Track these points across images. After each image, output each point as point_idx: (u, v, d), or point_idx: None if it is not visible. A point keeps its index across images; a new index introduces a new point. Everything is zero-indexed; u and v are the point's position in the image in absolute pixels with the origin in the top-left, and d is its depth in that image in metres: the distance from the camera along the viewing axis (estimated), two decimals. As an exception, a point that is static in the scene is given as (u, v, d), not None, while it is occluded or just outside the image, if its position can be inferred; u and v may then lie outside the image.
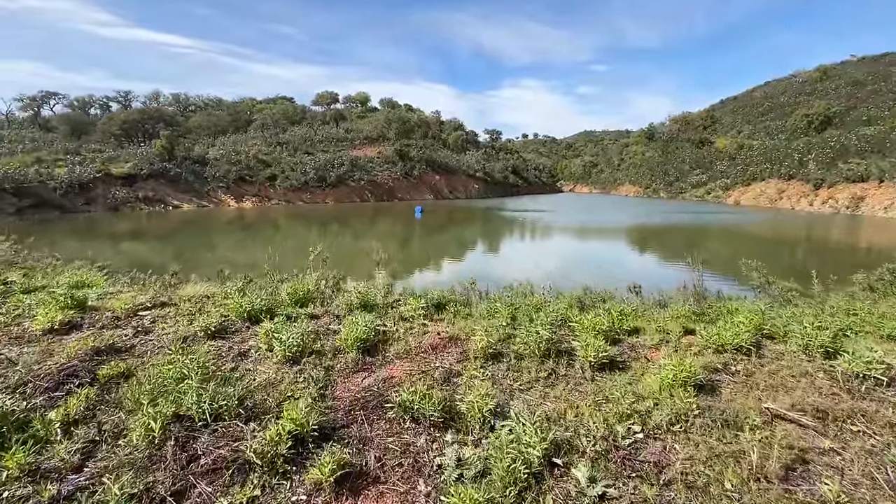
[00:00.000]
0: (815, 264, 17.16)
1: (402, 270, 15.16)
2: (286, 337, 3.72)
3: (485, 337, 3.76)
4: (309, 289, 5.66)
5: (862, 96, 68.95)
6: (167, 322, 4.61)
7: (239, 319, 4.58)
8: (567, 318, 4.66)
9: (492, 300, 5.65)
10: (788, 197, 45.98)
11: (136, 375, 3.36)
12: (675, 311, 5.17)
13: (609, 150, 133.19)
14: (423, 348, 4.03)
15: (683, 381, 3.10)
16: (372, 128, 74.67)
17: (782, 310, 4.92)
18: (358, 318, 4.43)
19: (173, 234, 26.66)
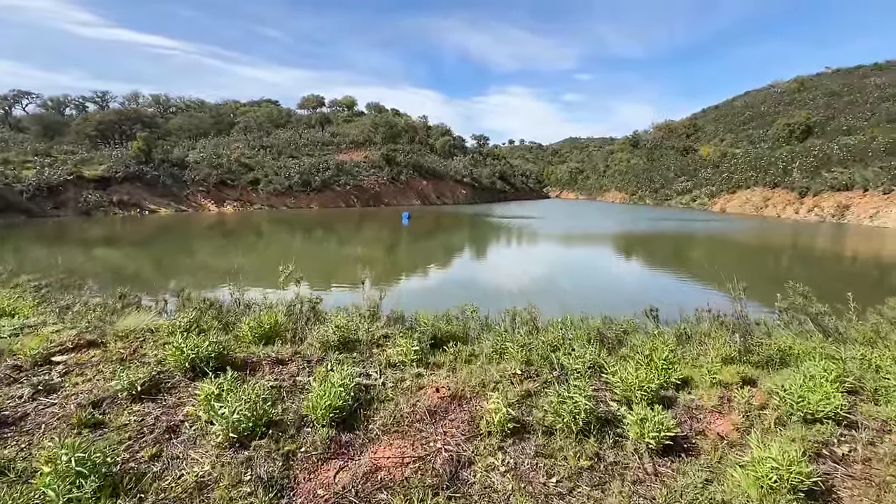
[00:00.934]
0: (823, 278, 16.81)
1: (390, 281, 14.15)
2: (232, 407, 2.72)
3: (501, 404, 2.82)
4: (277, 321, 4.65)
5: (839, 107, 70.59)
6: (85, 374, 3.57)
7: (179, 371, 3.56)
8: (598, 365, 3.76)
9: (497, 334, 4.71)
10: (774, 205, 46.33)
11: (8, 475, 2.33)
12: (717, 349, 4.32)
13: (594, 156, 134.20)
14: (418, 414, 3.09)
15: (788, 482, 2.21)
16: (358, 132, 73.48)
17: (846, 349, 4.11)
18: (334, 368, 3.46)
19: (145, 241, 25.15)
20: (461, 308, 5.71)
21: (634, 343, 4.47)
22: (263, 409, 2.84)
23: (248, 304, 6.22)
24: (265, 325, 4.54)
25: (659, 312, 6.00)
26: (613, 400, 3.27)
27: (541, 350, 4.15)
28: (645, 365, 3.47)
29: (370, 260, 18.82)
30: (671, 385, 3.43)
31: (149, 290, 13.16)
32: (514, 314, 5.81)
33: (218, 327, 4.93)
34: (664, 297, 12.65)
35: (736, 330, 4.56)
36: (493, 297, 12.04)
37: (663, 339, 4.34)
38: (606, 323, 5.32)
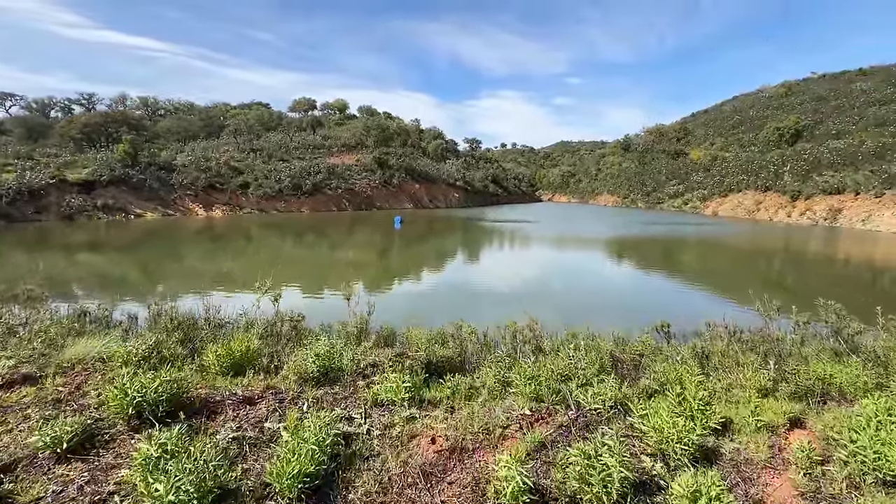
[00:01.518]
0: (823, 283, 16.50)
1: (381, 288, 13.56)
2: (172, 479, 2.12)
3: (514, 470, 2.24)
4: (249, 347, 4.06)
5: (827, 111, 71.52)
6: (7, 421, 2.96)
7: (121, 418, 2.96)
8: (621, 403, 3.22)
9: (498, 361, 4.16)
10: (766, 208, 46.50)
11: None
12: (748, 378, 3.81)
13: (586, 160, 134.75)
14: (409, 476, 2.53)
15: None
16: (350, 135, 72.88)
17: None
18: (310, 412, 2.88)
19: (127, 247, 24.25)
20: (457, 326, 5.16)
21: (655, 371, 3.94)
22: (215, 477, 2.26)
23: (221, 322, 5.59)
24: (236, 352, 3.94)
25: (671, 327, 5.49)
26: (646, 453, 2.73)
27: (550, 381, 3.61)
28: (677, 405, 2.95)
29: (361, 265, 18.22)
30: (709, 429, 2.90)
31: (133, 295, 12.45)
32: (515, 331, 5.26)
33: (183, 354, 4.31)
34: (666, 303, 12.23)
35: (768, 354, 4.07)
36: (489, 305, 11.50)
37: (688, 368, 3.82)
38: (619, 344, 4.80)
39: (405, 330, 4.76)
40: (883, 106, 62.25)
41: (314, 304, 9.92)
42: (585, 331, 5.42)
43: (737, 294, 14.21)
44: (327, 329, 5.10)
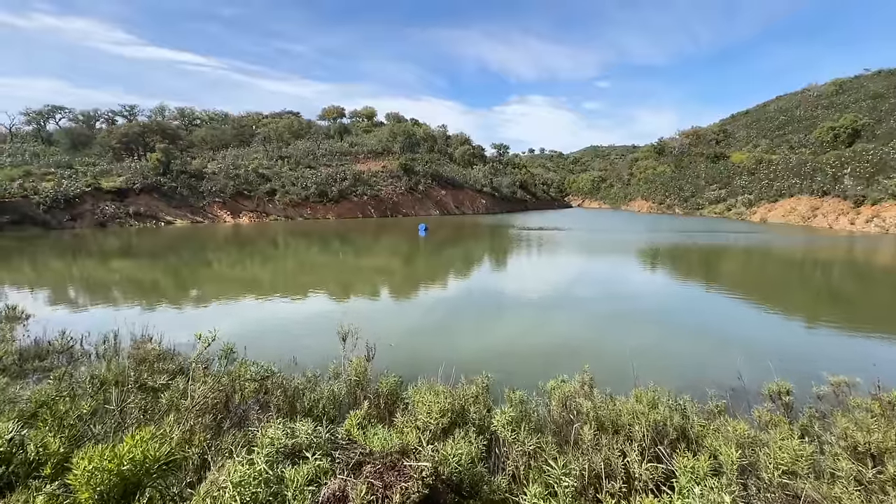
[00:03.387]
0: None
1: (393, 312, 12.34)
2: None
3: None
4: (154, 455, 2.73)
5: (886, 109, 66.12)
6: None
7: None
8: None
9: (543, 468, 2.77)
10: (824, 214, 42.68)
11: None
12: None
13: (617, 164, 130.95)
14: None
15: None
16: (377, 141, 72.82)
17: None
18: None
19: (151, 254, 24.12)
20: (483, 385, 3.78)
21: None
22: None
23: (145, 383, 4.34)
24: (126, 466, 2.29)
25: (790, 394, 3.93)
26: None
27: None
28: None
29: (375, 281, 17.10)
30: None
31: (121, 303, 11.82)
32: (565, 398, 3.81)
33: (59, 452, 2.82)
34: (751, 337, 10.27)
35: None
36: (521, 337, 10.05)
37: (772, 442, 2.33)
38: (680, 411, 3.31)
39: (412, 392, 3.43)
40: (952, 102, 56.81)
41: (303, 342, 8.80)
42: (655, 392, 3.93)
43: (849, 323, 12.19)
44: (309, 386, 3.84)
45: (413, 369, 6.54)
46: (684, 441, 3.18)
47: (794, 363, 7.86)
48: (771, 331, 10.84)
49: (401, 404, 3.62)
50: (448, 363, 6.94)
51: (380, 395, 3.79)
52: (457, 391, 3.61)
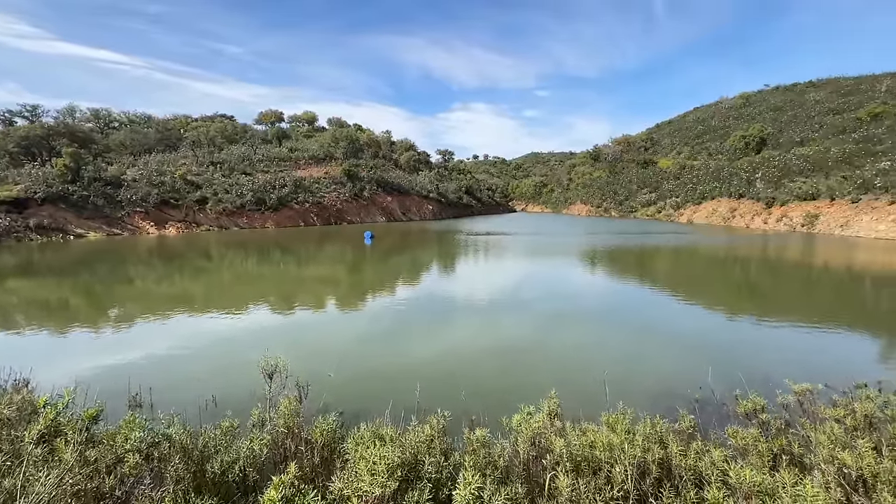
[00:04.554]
0: (853, 298, 15.02)
1: (335, 334, 11.50)
2: None
3: None
4: None
5: (784, 120, 74.25)
6: None
7: None
8: None
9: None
10: (741, 215, 46.84)
11: None
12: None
13: (557, 170, 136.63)
14: None
15: None
16: (318, 147, 70.34)
17: None
18: None
19: (54, 271, 21.10)
20: (439, 426, 3.22)
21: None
22: None
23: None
24: None
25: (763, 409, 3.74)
26: None
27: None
28: None
29: (313, 298, 16.05)
30: None
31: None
32: (535, 435, 3.33)
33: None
34: (674, 324, 10.50)
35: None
36: (475, 351, 9.61)
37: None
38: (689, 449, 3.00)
39: (353, 443, 2.80)
40: (837, 115, 64.89)
41: (238, 369, 7.72)
42: (625, 415, 3.60)
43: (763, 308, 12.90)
44: (223, 443, 3.07)
45: (357, 401, 5.84)
46: (668, 479, 2.82)
47: (740, 360, 8.07)
48: (708, 326, 11.28)
49: (340, 458, 2.97)
50: (397, 389, 6.31)
51: (314, 446, 3.12)
52: (407, 437, 3.03)
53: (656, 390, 6.46)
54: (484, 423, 3.83)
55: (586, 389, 6.38)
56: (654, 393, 6.33)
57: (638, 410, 3.99)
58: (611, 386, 5.87)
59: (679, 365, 8.05)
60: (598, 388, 6.09)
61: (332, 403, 4.94)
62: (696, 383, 6.59)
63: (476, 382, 7.07)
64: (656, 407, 5.25)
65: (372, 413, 3.74)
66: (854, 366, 7.97)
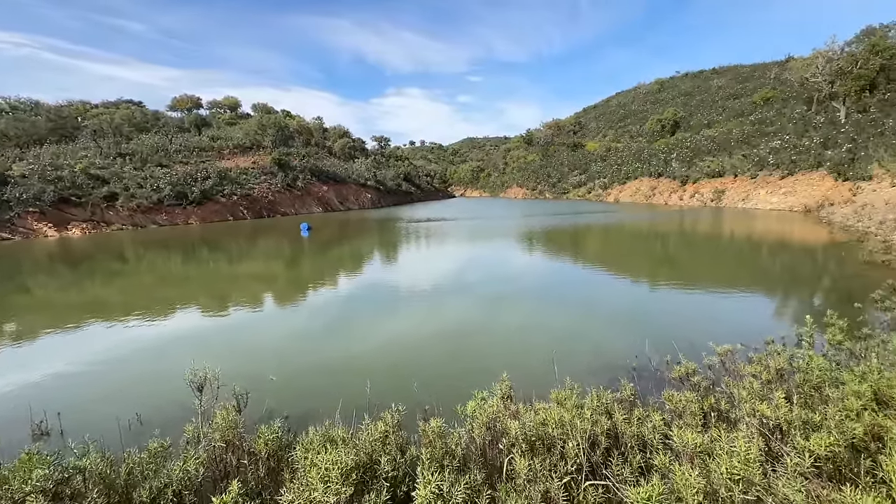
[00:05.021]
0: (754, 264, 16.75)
1: (276, 335, 10.97)
2: None
3: None
4: None
5: (694, 105, 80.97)
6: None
7: None
8: None
9: None
10: (661, 193, 50.83)
11: None
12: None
13: (493, 154, 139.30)
14: None
15: None
16: (244, 135, 65.87)
17: None
18: None
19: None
20: (394, 421, 3.13)
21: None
22: None
23: None
24: None
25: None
26: None
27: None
28: None
29: (253, 293, 15.19)
30: None
31: None
32: (491, 420, 3.33)
33: None
34: (608, 294, 11.23)
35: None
36: (424, 338, 9.58)
37: None
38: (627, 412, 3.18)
39: (302, 450, 2.63)
40: (736, 100, 71.90)
41: (166, 382, 7.05)
42: (574, 390, 3.74)
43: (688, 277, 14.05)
44: (151, 466, 2.75)
45: (305, 403, 5.57)
46: (616, 448, 2.96)
47: (670, 327, 8.78)
48: (639, 298, 12.15)
49: (289, 468, 2.79)
50: (347, 386, 6.12)
51: (258, 458, 2.90)
52: (361, 437, 2.91)
53: (598, 363, 6.86)
54: (438, 413, 3.81)
55: (535, 369, 6.60)
56: (596, 366, 6.72)
57: (584, 384, 4.18)
58: (557, 363, 6.11)
59: (616, 337, 8.58)
60: (547, 367, 6.32)
61: (276, 408, 4.66)
62: (633, 353, 7.08)
63: (427, 371, 7.05)
64: (600, 379, 5.57)
65: (321, 414, 3.57)
66: (763, 324, 8.98)
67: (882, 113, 38.53)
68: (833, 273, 14.25)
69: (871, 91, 42.11)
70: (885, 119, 37.09)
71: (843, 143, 36.85)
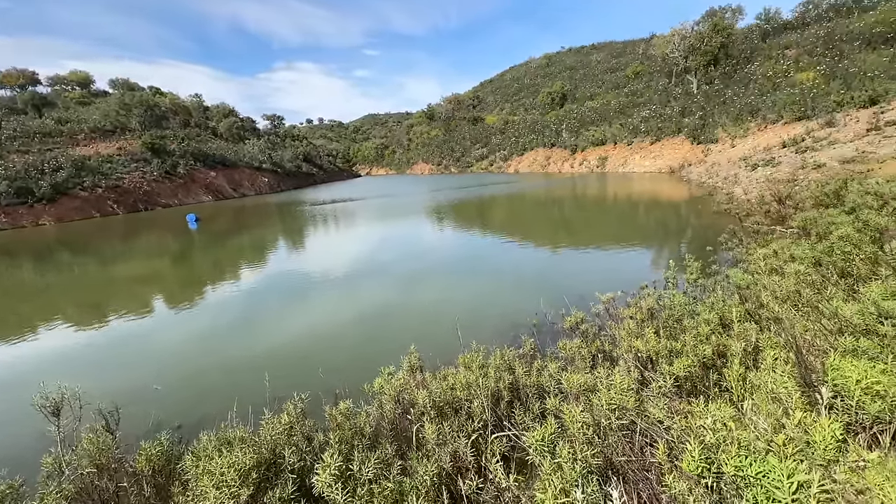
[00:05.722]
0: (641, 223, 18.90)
1: (163, 340, 9.90)
2: None
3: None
4: None
5: (578, 78, 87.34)
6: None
7: None
8: None
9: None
10: (554, 162, 54.66)
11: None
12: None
13: (396, 131, 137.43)
14: None
15: None
16: (102, 116, 56.49)
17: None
18: None
19: None
20: (298, 410, 2.99)
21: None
22: None
23: None
24: None
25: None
26: None
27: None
28: None
29: (133, 298, 13.46)
30: None
31: None
32: (399, 392, 3.36)
33: None
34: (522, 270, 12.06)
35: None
36: (332, 330, 9.29)
37: None
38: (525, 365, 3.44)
39: (193, 457, 2.40)
40: (613, 73, 78.97)
41: (13, 418, 5.98)
42: (479, 352, 3.91)
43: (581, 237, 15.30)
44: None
45: (198, 409, 5.09)
46: (518, 400, 3.16)
47: (564, 284, 9.60)
48: (539, 261, 13.09)
49: (179, 481, 2.52)
50: (245, 385, 5.71)
51: (142, 476, 2.58)
52: (262, 433, 2.73)
53: (503, 325, 7.27)
54: (348, 396, 3.74)
55: (446, 338, 6.78)
56: (501, 328, 7.11)
57: (489, 346, 4.38)
58: (465, 330, 6.34)
59: (519, 299, 9.15)
60: (455, 336, 6.54)
61: (166, 419, 4.17)
62: (533, 311, 7.62)
63: (336, 358, 6.87)
64: (504, 339, 5.92)
65: (216, 418, 3.29)
66: (640, 273, 10.23)
67: (723, 85, 45.24)
68: (693, 223, 16.68)
69: (715, 65, 49.02)
70: (725, 90, 43.62)
71: (695, 111, 42.73)
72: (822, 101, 30.16)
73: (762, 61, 45.05)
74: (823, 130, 25.64)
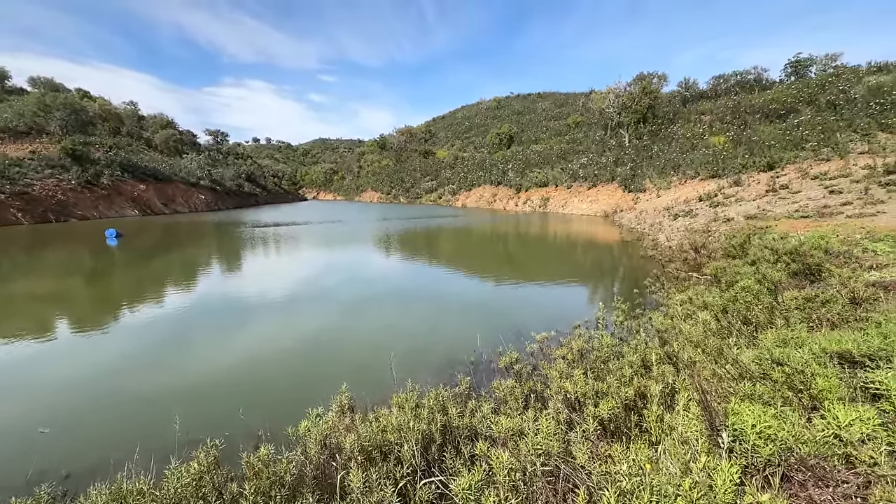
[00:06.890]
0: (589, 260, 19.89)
1: (63, 374, 8.87)
2: None
3: None
4: None
5: (524, 123, 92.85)
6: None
7: None
8: None
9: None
10: (500, 199, 56.80)
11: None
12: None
13: (347, 157, 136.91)
14: None
15: None
16: (15, 115, 51.23)
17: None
18: None
19: None
20: (210, 457, 2.75)
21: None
22: None
23: None
24: None
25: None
26: None
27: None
28: None
29: (31, 321, 12.00)
30: None
31: None
32: (328, 441, 3.21)
33: None
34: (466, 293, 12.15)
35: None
36: (258, 366, 8.77)
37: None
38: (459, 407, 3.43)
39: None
40: (556, 121, 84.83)
41: None
42: (414, 391, 3.86)
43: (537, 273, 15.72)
44: None
45: (95, 455, 4.48)
46: (450, 442, 3.12)
47: (503, 321, 9.78)
48: (481, 295, 13.31)
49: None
50: (152, 427, 5.13)
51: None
52: (165, 483, 2.47)
53: (440, 362, 7.22)
54: (271, 440, 3.48)
55: (380, 375, 6.60)
56: (439, 365, 7.05)
57: (425, 384, 4.33)
58: (401, 366, 6.23)
59: (458, 334, 9.19)
60: (390, 372, 6.39)
61: (50, 468, 3.60)
62: (471, 348, 7.66)
63: (262, 396, 6.41)
64: (442, 376, 5.87)
65: (115, 466, 2.90)
66: (574, 311, 10.69)
67: (650, 141, 50.12)
68: (624, 264, 17.87)
69: (643, 123, 54.34)
70: (652, 146, 48.31)
71: (627, 162, 46.76)
72: (731, 162, 34.23)
73: (683, 123, 50.70)
74: (732, 188, 29.01)
